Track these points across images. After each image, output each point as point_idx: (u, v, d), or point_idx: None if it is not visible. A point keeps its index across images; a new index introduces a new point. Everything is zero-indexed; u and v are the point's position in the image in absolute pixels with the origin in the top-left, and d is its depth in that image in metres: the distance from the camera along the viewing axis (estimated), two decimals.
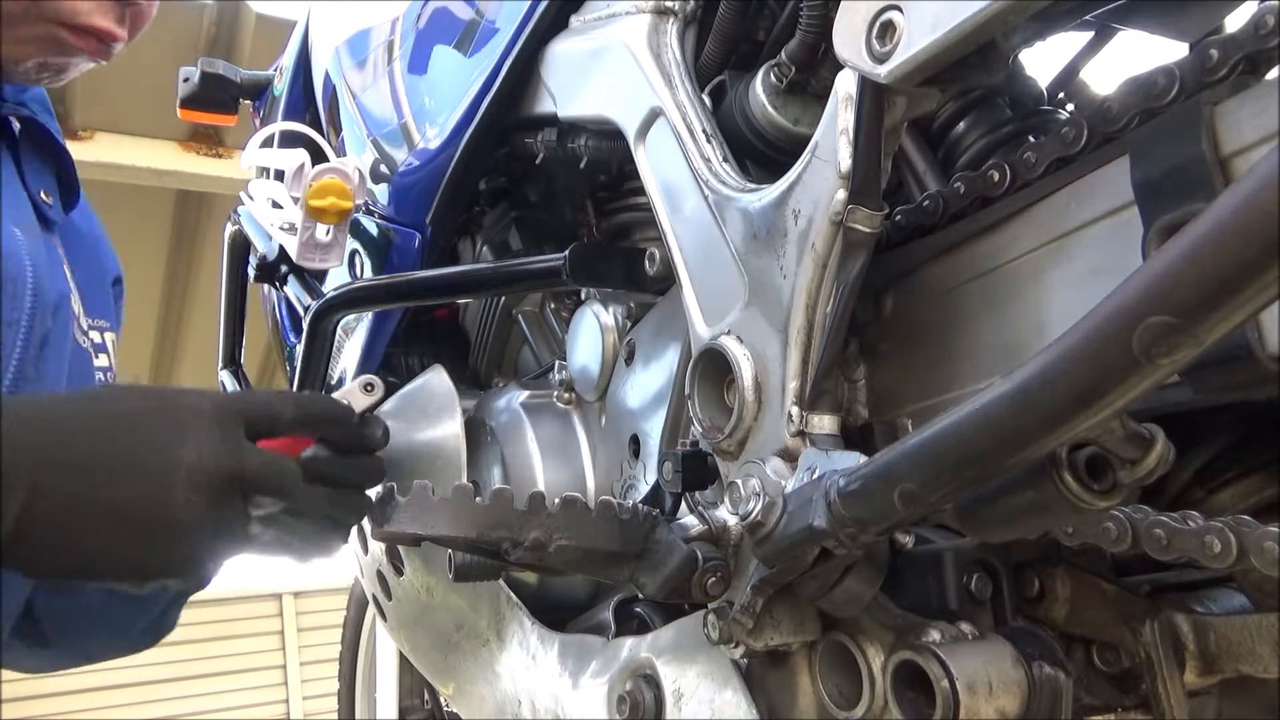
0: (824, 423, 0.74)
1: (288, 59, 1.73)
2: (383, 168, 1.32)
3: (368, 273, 1.37)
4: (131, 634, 1.06)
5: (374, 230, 1.36)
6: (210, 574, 0.79)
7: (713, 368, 0.82)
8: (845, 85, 0.70)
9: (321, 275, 1.46)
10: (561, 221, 1.26)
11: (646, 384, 1.02)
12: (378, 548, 1.35)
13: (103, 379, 1.07)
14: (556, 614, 1.11)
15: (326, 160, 1.38)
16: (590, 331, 1.11)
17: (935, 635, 0.71)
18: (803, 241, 0.73)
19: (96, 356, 1.07)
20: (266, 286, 1.64)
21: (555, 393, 1.17)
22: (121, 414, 0.72)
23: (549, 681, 1.04)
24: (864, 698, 0.73)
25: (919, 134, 0.95)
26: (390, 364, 1.45)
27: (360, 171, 1.31)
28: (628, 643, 0.93)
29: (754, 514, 0.71)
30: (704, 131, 0.87)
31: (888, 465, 0.58)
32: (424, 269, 1.25)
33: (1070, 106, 1.05)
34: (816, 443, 0.73)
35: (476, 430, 1.20)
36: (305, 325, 1.34)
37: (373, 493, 0.75)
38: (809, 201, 0.73)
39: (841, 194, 0.70)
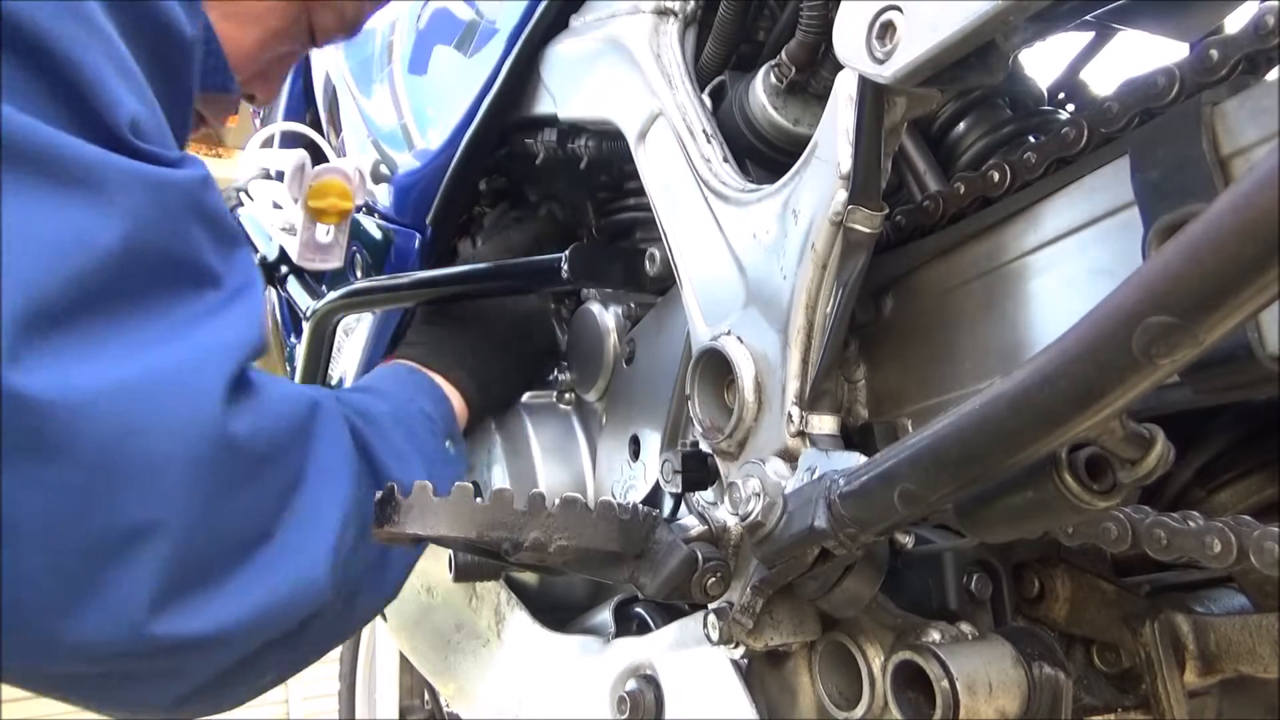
0: (824, 423, 0.74)
1: None
2: (383, 168, 1.32)
3: (368, 273, 1.37)
4: None
5: (374, 230, 1.36)
6: None
7: (713, 368, 0.82)
8: (845, 86, 0.70)
9: (321, 276, 1.46)
10: (561, 221, 1.27)
11: (647, 384, 1.02)
12: None
13: None
14: (556, 614, 1.11)
15: (327, 161, 1.38)
16: (590, 332, 1.11)
17: (935, 635, 0.71)
18: (803, 242, 0.73)
19: None
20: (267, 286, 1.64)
21: (555, 393, 1.17)
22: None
23: (549, 682, 1.04)
24: (864, 698, 0.73)
25: (919, 134, 0.95)
26: None
27: (360, 172, 1.31)
28: (628, 643, 0.93)
29: (754, 514, 0.71)
30: (704, 132, 0.87)
31: (888, 465, 0.58)
32: (424, 269, 1.25)
33: (1070, 107, 1.05)
34: (816, 443, 0.73)
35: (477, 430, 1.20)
36: (305, 326, 1.34)
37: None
38: (809, 202, 0.73)
39: (841, 194, 0.70)
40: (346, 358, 1.44)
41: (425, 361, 1.11)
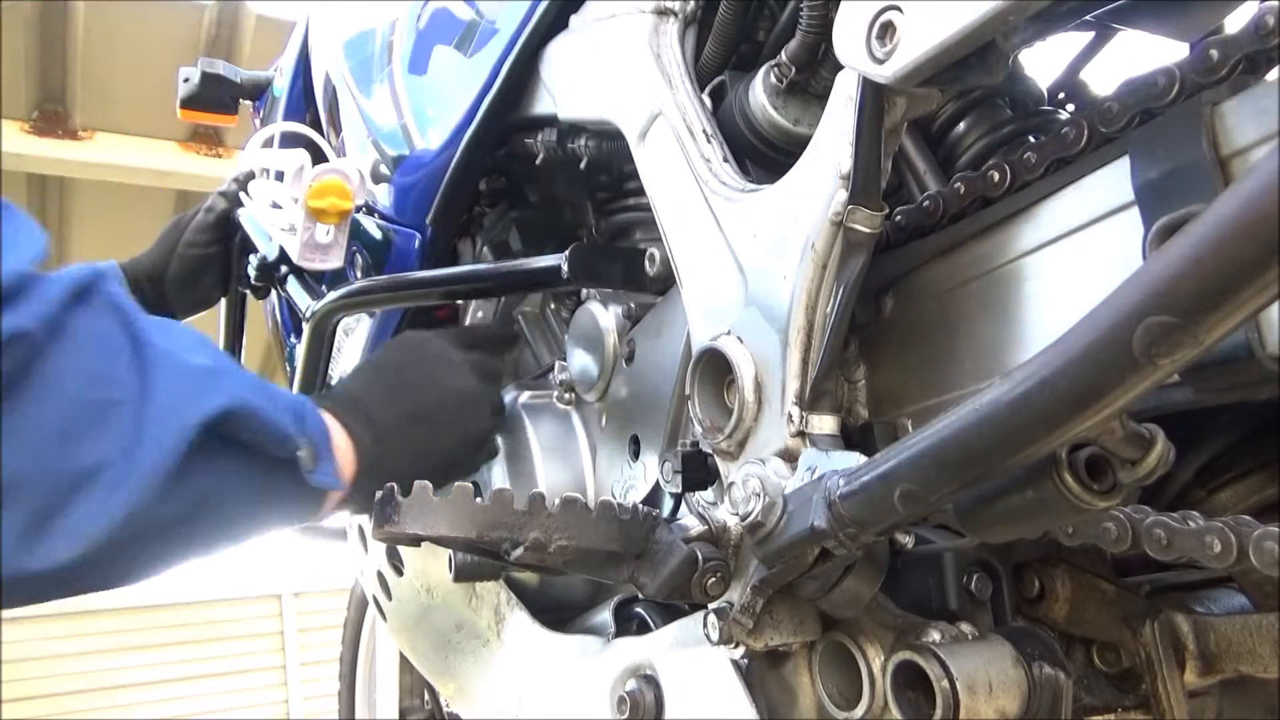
0: (824, 423, 0.74)
1: (287, 59, 1.73)
2: (383, 168, 1.32)
3: (368, 273, 1.37)
4: None
5: (374, 230, 1.36)
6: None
7: (713, 368, 0.82)
8: (845, 86, 0.70)
9: (321, 276, 1.46)
10: (561, 221, 1.27)
11: (647, 384, 1.02)
12: (378, 548, 1.35)
13: None
14: (556, 614, 1.11)
15: (326, 161, 1.38)
16: (590, 332, 1.11)
17: (935, 635, 0.71)
18: (803, 242, 0.73)
19: None
20: None
21: (555, 393, 1.17)
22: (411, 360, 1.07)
23: (549, 682, 1.04)
24: (864, 698, 0.73)
25: (919, 134, 0.95)
26: None
27: (360, 172, 1.31)
28: (628, 643, 0.93)
29: (754, 514, 0.71)
30: (704, 132, 0.87)
31: (888, 465, 0.58)
32: (424, 269, 1.25)
33: (1070, 107, 1.05)
34: (816, 443, 0.73)
35: None
36: (305, 326, 1.34)
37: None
38: (809, 202, 0.73)
39: (842, 194, 0.70)
40: (346, 358, 1.44)
41: (324, 404, 0.96)
